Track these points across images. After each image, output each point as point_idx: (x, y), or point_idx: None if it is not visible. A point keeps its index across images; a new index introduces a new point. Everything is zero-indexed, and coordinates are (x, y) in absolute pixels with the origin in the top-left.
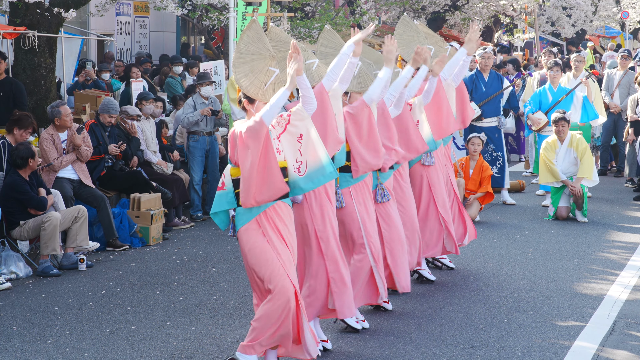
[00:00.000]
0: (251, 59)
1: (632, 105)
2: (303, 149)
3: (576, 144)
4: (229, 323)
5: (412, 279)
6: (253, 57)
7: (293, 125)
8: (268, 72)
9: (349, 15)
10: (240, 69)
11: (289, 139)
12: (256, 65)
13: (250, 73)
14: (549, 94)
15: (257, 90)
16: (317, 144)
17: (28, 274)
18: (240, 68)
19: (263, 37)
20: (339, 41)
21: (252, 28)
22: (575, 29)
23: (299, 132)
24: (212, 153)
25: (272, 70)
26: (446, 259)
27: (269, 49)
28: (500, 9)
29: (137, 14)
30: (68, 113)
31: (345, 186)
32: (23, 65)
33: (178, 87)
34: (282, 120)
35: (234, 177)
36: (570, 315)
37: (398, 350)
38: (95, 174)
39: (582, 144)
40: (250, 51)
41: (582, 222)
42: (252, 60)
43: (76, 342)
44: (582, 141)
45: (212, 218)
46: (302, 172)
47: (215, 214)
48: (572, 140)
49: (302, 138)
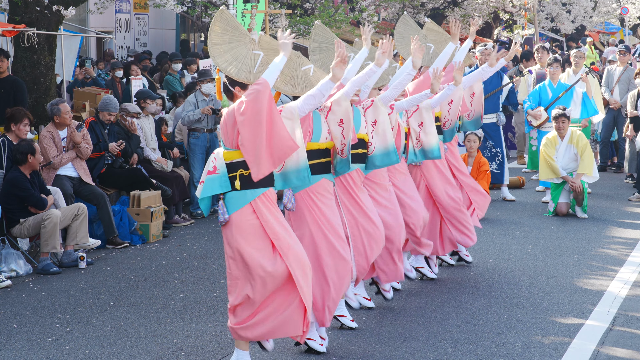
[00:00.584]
0: (230, 48)
1: (632, 101)
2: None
3: (576, 140)
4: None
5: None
6: (232, 46)
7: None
8: (253, 56)
9: (348, 12)
10: (222, 59)
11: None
12: (239, 52)
13: (235, 60)
14: (549, 90)
15: (248, 74)
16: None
17: (28, 271)
18: (222, 58)
19: (236, 24)
20: (330, 35)
21: (221, 18)
22: (575, 25)
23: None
24: (212, 150)
25: (257, 53)
26: (446, 256)
27: (246, 33)
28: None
29: (137, 12)
30: (68, 111)
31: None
32: (22, 63)
33: (177, 85)
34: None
35: (227, 160)
36: (570, 311)
37: (398, 346)
38: (96, 171)
39: (583, 140)
40: (226, 40)
41: (582, 218)
42: (231, 49)
43: (76, 339)
44: (583, 137)
45: (199, 203)
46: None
47: (202, 200)
48: (572, 137)
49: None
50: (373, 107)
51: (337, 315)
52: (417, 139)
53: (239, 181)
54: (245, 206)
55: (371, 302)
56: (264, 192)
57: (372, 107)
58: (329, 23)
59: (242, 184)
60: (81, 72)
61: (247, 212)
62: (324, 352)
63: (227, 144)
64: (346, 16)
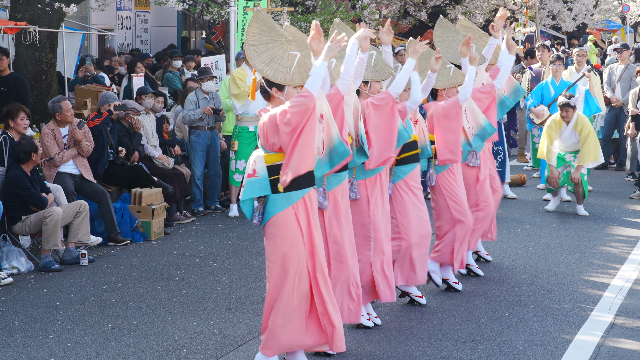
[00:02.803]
0: (266, 48)
1: (633, 99)
2: (325, 130)
3: (581, 127)
4: (230, 317)
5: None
6: (268, 46)
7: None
8: (290, 57)
9: (349, 10)
10: (258, 59)
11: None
12: (275, 53)
13: (272, 61)
14: (551, 87)
15: (285, 75)
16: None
17: (30, 269)
18: (258, 59)
19: (272, 24)
20: (350, 33)
21: (258, 19)
22: (576, 22)
23: (319, 113)
24: (213, 148)
25: (294, 54)
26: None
27: (282, 34)
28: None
29: (138, 9)
30: (69, 108)
31: (361, 178)
32: (24, 61)
33: (177, 82)
34: None
35: (269, 163)
36: (572, 309)
37: (399, 344)
38: (100, 167)
39: (586, 129)
40: (263, 41)
41: (583, 215)
42: (268, 50)
43: (78, 336)
44: (587, 125)
45: (241, 206)
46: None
47: (244, 202)
48: (577, 123)
49: (322, 118)
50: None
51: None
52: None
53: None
54: (288, 208)
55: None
56: (307, 193)
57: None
58: (330, 20)
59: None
60: (82, 70)
61: (289, 213)
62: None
63: (268, 148)
64: (347, 14)
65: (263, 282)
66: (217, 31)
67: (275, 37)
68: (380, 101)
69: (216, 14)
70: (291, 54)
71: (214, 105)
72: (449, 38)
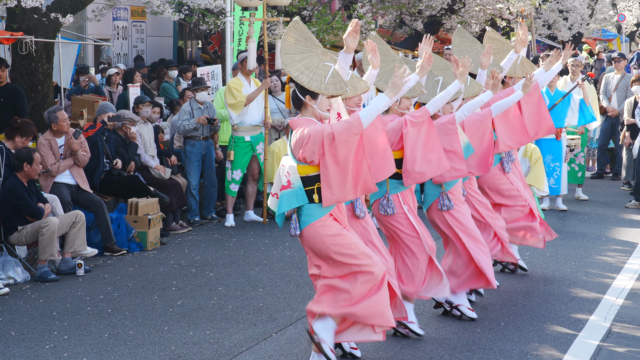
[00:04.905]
0: (301, 57)
1: (629, 109)
2: None
3: (530, 153)
4: (227, 327)
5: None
6: (303, 56)
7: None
8: (325, 67)
9: (345, 19)
10: (294, 67)
11: None
12: (311, 62)
13: (307, 70)
14: (546, 97)
15: (319, 84)
16: None
17: (26, 279)
18: (294, 67)
19: (309, 35)
20: (385, 46)
21: (295, 29)
22: (572, 31)
23: None
24: (208, 157)
25: (328, 65)
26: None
27: (318, 45)
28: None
29: (134, 19)
30: (65, 118)
31: (395, 192)
32: (20, 71)
33: (173, 92)
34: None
35: (302, 174)
36: (567, 318)
37: (396, 353)
38: (96, 177)
39: (536, 154)
40: (299, 50)
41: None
42: (303, 59)
43: (74, 347)
44: (537, 151)
45: (276, 218)
46: None
47: (279, 215)
48: (526, 150)
49: None
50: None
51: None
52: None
53: (317, 194)
54: (326, 215)
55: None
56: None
57: None
58: (326, 30)
59: (320, 196)
60: (84, 80)
61: (328, 219)
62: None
63: (302, 161)
64: (343, 23)
65: (259, 292)
66: (213, 41)
67: (311, 47)
68: (417, 118)
69: (212, 24)
70: (326, 65)
71: (208, 115)
72: (467, 47)
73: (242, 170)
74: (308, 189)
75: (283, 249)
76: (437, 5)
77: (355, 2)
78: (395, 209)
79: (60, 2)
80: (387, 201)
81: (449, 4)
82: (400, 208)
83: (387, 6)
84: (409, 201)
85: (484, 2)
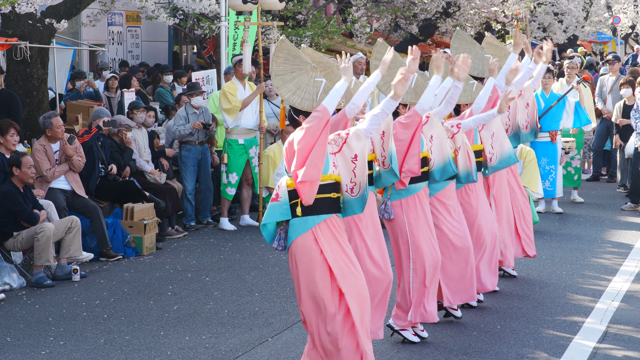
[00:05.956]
0: (292, 77)
1: (619, 112)
2: (358, 170)
3: (525, 155)
4: (222, 332)
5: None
6: (294, 75)
7: (349, 145)
8: (315, 84)
9: (340, 23)
10: (285, 89)
11: (344, 158)
12: (301, 81)
13: (298, 89)
14: (541, 100)
15: (312, 103)
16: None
17: (22, 284)
18: (285, 88)
19: (297, 52)
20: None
21: (282, 49)
22: (567, 34)
23: (354, 152)
24: (204, 162)
25: (319, 80)
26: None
27: (307, 61)
28: (492, 15)
29: (129, 24)
30: (60, 124)
31: (396, 198)
32: (15, 77)
33: (168, 97)
34: (338, 139)
35: (290, 188)
36: (563, 321)
37: (391, 357)
38: (92, 183)
39: (530, 156)
40: (288, 70)
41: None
42: (293, 78)
43: (70, 352)
44: (531, 153)
45: (261, 230)
46: (354, 193)
47: (264, 226)
48: (521, 152)
49: (356, 159)
50: (429, 123)
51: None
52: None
53: (300, 207)
54: (307, 232)
55: None
56: (328, 219)
57: (428, 123)
58: (321, 34)
59: (303, 210)
60: (83, 84)
61: (308, 238)
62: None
63: (290, 172)
64: (338, 27)
65: (255, 297)
66: (208, 46)
67: (300, 65)
68: (408, 119)
69: (207, 28)
70: (317, 81)
71: (203, 119)
72: (466, 50)
73: (238, 173)
74: (293, 202)
75: (279, 253)
76: (432, 9)
77: (350, 6)
78: (393, 214)
79: (54, 7)
80: (384, 206)
81: (443, 7)
82: (401, 217)
83: (382, 10)
84: (416, 210)
85: (478, 6)
